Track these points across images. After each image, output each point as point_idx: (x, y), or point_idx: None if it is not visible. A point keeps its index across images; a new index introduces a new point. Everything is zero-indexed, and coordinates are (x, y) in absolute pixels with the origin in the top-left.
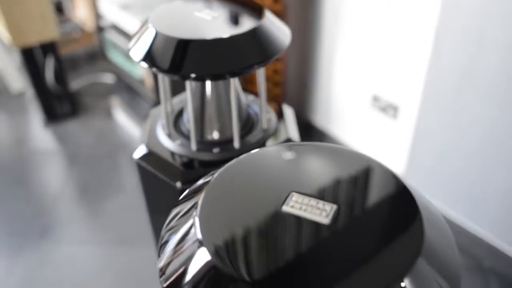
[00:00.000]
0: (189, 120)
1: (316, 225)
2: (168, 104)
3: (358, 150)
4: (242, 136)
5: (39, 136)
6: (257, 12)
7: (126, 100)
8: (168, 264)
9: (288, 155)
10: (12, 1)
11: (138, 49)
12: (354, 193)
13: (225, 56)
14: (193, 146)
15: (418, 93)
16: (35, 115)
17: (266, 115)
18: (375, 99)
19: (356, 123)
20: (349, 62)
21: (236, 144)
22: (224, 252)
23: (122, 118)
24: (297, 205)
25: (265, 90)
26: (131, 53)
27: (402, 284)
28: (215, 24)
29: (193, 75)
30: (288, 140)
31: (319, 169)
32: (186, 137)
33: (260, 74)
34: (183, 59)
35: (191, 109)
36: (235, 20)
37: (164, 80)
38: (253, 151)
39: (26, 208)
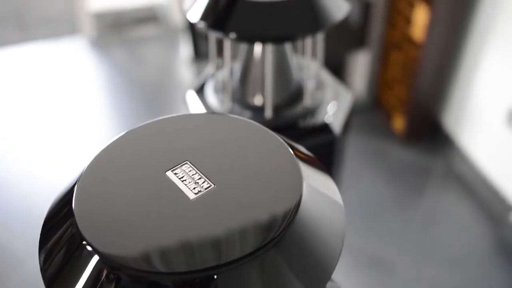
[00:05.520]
0: (224, 77)
1: (182, 197)
2: (220, 60)
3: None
4: (282, 107)
5: (182, 69)
6: None
7: None
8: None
9: (199, 124)
10: None
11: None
12: (245, 176)
13: (269, 20)
14: (226, 104)
15: None
16: (184, 50)
17: (311, 92)
18: None
19: (488, 136)
20: (496, 65)
21: (268, 113)
22: (92, 220)
23: None
24: (181, 174)
25: (320, 64)
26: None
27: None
28: None
29: (233, 35)
30: (323, 124)
31: (225, 145)
32: (233, 96)
33: (308, 45)
34: (227, 16)
35: (228, 68)
36: None
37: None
38: (159, 118)
39: None
